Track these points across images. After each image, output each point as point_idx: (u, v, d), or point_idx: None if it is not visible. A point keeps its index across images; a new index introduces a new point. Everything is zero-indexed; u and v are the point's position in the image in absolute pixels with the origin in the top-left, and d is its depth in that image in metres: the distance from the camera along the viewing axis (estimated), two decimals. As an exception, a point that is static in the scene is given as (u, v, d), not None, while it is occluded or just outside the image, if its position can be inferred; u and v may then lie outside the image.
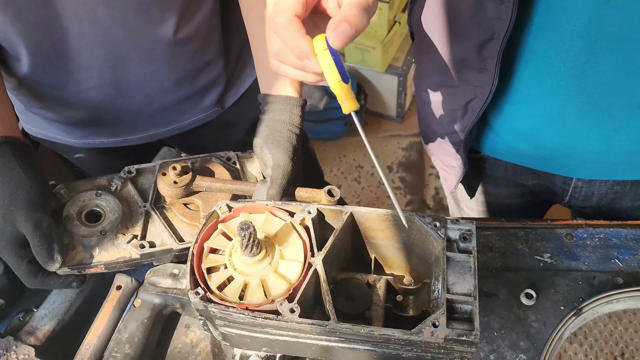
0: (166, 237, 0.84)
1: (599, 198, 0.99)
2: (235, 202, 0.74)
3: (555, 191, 1.02)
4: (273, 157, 0.83)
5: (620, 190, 0.96)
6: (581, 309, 0.81)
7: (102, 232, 0.83)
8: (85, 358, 0.80)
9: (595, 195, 0.98)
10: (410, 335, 0.62)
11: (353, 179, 2.39)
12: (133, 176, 0.89)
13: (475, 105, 0.82)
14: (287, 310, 0.64)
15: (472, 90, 0.81)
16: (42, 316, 0.85)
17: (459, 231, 0.70)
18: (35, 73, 0.92)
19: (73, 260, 0.81)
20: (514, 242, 0.92)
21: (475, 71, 0.78)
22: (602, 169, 0.91)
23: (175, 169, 0.83)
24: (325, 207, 0.73)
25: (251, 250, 0.66)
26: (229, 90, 1.10)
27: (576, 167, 0.92)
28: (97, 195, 0.86)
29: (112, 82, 0.96)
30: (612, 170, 0.91)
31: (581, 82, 0.75)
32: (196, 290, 0.66)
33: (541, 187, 1.04)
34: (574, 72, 0.74)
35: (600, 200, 0.99)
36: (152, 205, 0.87)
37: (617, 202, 0.99)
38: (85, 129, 1.06)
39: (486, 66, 0.76)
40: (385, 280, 0.77)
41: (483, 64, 0.76)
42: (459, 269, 0.67)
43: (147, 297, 0.84)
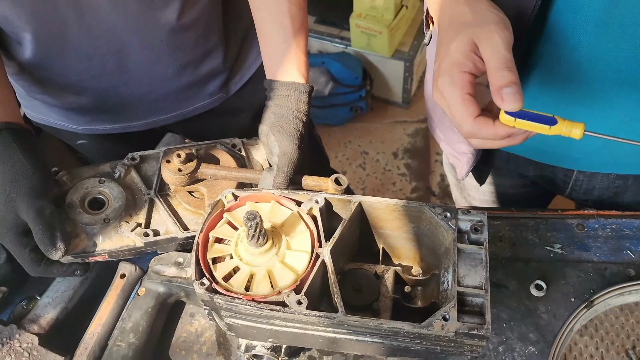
0: (170, 225, 0.83)
1: (600, 192, 0.97)
2: (241, 191, 0.72)
3: (556, 183, 1.01)
4: (279, 144, 0.81)
5: (622, 184, 0.94)
6: (592, 301, 0.80)
7: (105, 220, 0.81)
8: (89, 347, 0.79)
9: (597, 188, 0.96)
10: (420, 329, 0.60)
11: (358, 165, 2.38)
12: (137, 163, 0.88)
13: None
14: (295, 302, 0.63)
15: None
16: (46, 304, 0.84)
17: (470, 222, 0.68)
18: (37, 58, 0.90)
19: (76, 249, 0.80)
20: (524, 232, 0.90)
21: None
22: (605, 162, 0.89)
23: (180, 156, 0.82)
24: (333, 197, 0.71)
25: (257, 241, 0.65)
26: (234, 77, 1.08)
27: (577, 159, 0.90)
28: (100, 182, 0.84)
29: (114, 69, 0.94)
30: (614, 163, 0.89)
31: (591, 70, 0.73)
32: (201, 281, 0.64)
33: (543, 178, 1.02)
34: (585, 59, 0.72)
35: (601, 194, 0.97)
36: (156, 192, 0.85)
37: (619, 197, 0.97)
38: (88, 116, 1.04)
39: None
40: (393, 271, 0.76)
41: None
42: (470, 261, 0.66)
43: (152, 285, 0.83)
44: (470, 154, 0.96)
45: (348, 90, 2.34)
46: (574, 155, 0.88)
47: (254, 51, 1.08)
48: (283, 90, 0.84)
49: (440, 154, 2.36)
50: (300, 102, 0.84)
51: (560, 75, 0.75)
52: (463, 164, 1.00)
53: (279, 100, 0.84)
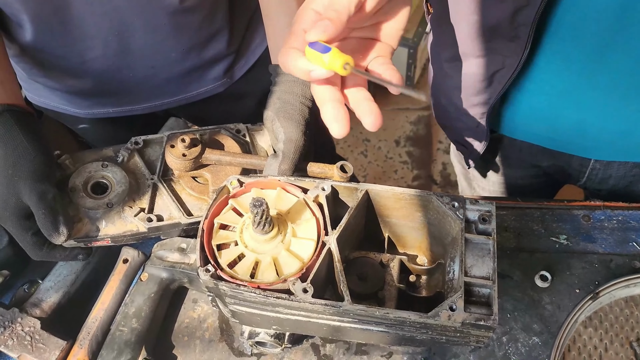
0: (174, 210, 0.82)
1: (616, 180, 0.96)
2: (247, 177, 0.71)
3: (570, 173, 1.00)
4: (285, 130, 0.80)
5: (639, 172, 0.93)
6: (598, 292, 0.79)
7: (108, 204, 0.80)
8: (91, 332, 0.79)
9: (613, 177, 0.96)
10: (426, 319, 0.60)
11: (359, 152, 2.36)
12: (140, 147, 0.87)
13: (502, 77, 0.79)
14: (300, 290, 0.62)
15: (500, 60, 0.78)
16: (48, 288, 0.84)
17: (478, 212, 0.67)
18: (38, 41, 0.89)
19: (79, 233, 0.79)
20: (530, 222, 0.90)
21: (505, 39, 0.74)
22: (622, 150, 0.88)
23: (184, 141, 0.81)
24: (340, 184, 0.70)
25: (263, 228, 0.64)
26: (238, 61, 1.07)
27: (594, 148, 0.89)
28: (103, 166, 0.84)
29: (117, 51, 0.92)
30: (632, 152, 0.88)
31: (607, 57, 0.71)
32: (206, 268, 0.64)
33: (556, 168, 1.01)
34: (601, 46, 0.71)
35: (617, 183, 0.97)
36: (160, 177, 0.84)
37: (634, 185, 0.96)
38: (90, 99, 1.03)
39: (518, 34, 0.72)
40: (399, 260, 0.75)
41: (515, 31, 0.72)
42: (478, 251, 0.65)
43: (154, 271, 0.82)
44: (477, 142, 0.95)
45: (351, 77, 2.32)
46: (590, 143, 0.86)
47: (259, 35, 1.06)
48: (289, 76, 0.83)
49: (442, 142, 2.35)
50: (306, 88, 0.83)
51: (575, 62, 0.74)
52: (468, 153, 0.99)
53: (284, 86, 0.83)
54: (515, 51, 0.74)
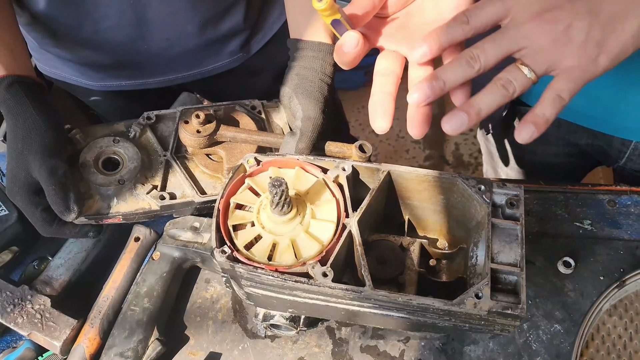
0: (187, 188, 0.80)
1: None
2: (264, 156, 0.69)
3: (609, 153, 0.96)
4: (303, 108, 0.77)
5: None
6: (624, 280, 0.77)
7: (120, 181, 0.78)
8: (102, 310, 0.78)
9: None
10: (451, 306, 0.58)
11: (371, 131, 2.32)
12: (152, 122, 0.84)
13: None
14: (320, 274, 0.60)
15: None
16: (58, 265, 0.82)
17: (506, 196, 0.65)
18: (51, 9, 0.85)
19: (90, 210, 0.77)
20: (553, 206, 0.87)
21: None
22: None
23: (199, 117, 0.78)
24: (361, 165, 0.67)
25: (282, 209, 0.62)
26: (255, 35, 1.03)
27: (636, 129, 0.85)
28: (114, 142, 0.81)
29: (132, 21, 0.89)
30: None
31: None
32: (222, 249, 0.61)
33: (595, 147, 0.98)
34: None
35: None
36: (173, 154, 0.82)
37: None
38: (103, 71, 1.00)
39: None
40: (419, 244, 0.73)
41: None
42: (505, 237, 0.62)
43: (167, 250, 0.80)
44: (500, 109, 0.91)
45: (363, 54, 2.28)
46: (631, 124, 0.83)
47: (277, 8, 1.03)
48: (308, 51, 0.80)
49: (455, 122, 2.31)
50: (326, 64, 0.79)
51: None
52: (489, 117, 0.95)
53: (303, 61, 0.80)
54: None
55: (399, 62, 0.59)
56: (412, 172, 0.67)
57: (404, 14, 0.60)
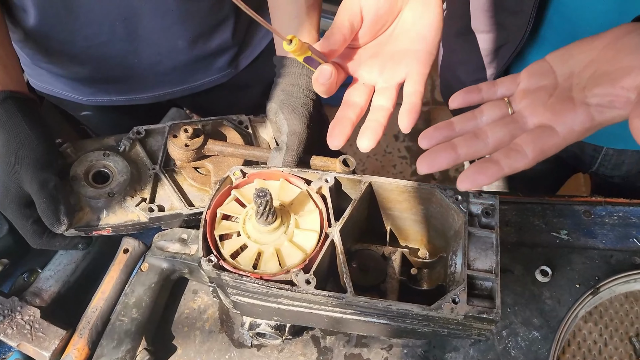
0: (175, 201, 0.82)
1: (629, 167, 0.96)
2: (250, 168, 0.71)
3: (583, 159, 1.00)
4: (288, 123, 0.79)
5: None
6: (598, 288, 0.80)
7: (110, 193, 0.80)
8: (91, 321, 0.79)
9: (626, 164, 0.95)
10: (429, 311, 0.60)
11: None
12: (142, 137, 0.86)
13: (506, 51, 0.79)
14: (303, 281, 0.62)
15: (504, 34, 0.78)
16: (48, 277, 0.83)
17: (482, 206, 0.67)
18: (43, 26, 0.88)
19: (80, 222, 0.79)
20: (531, 217, 0.90)
21: (510, 14, 0.75)
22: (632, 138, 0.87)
23: (187, 131, 0.80)
24: (343, 176, 0.70)
25: (266, 219, 0.64)
26: (244, 51, 1.06)
27: (607, 135, 0.88)
28: (104, 155, 0.83)
29: (124, 37, 0.91)
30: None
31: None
32: (209, 258, 0.64)
33: (569, 153, 1.01)
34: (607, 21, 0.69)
35: (630, 169, 0.96)
36: (162, 167, 0.84)
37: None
38: (94, 86, 1.02)
39: (523, 8, 0.72)
40: (401, 253, 0.75)
41: (520, 5, 0.72)
42: (481, 245, 0.65)
43: (155, 261, 0.82)
44: None
45: (351, 71, 2.32)
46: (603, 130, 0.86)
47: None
48: (293, 68, 0.83)
49: (441, 137, 2.35)
50: (310, 81, 0.82)
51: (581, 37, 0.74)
52: None
53: (288, 78, 0.82)
54: (519, 25, 0.74)
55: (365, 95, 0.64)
56: (393, 183, 0.69)
57: (375, 43, 0.63)
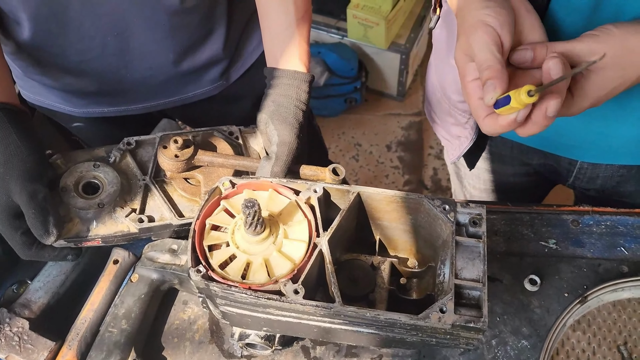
0: (165, 211, 0.82)
1: (603, 181, 0.97)
2: (239, 179, 0.71)
3: (560, 172, 1.01)
4: (279, 133, 0.80)
5: (626, 173, 0.94)
6: (586, 296, 0.80)
7: (99, 204, 0.80)
8: (80, 332, 0.79)
9: (600, 177, 0.97)
10: (417, 320, 0.60)
11: (351, 156, 2.37)
12: (132, 148, 0.87)
13: None
14: (291, 291, 0.62)
15: None
16: (37, 289, 0.83)
17: (469, 215, 0.68)
18: (35, 39, 0.88)
19: (69, 233, 0.79)
20: (519, 226, 0.91)
21: None
22: (605, 152, 0.89)
23: (177, 142, 0.81)
24: (332, 186, 0.71)
25: (255, 229, 0.64)
26: (234, 64, 1.07)
27: (579, 149, 0.90)
28: (95, 166, 0.83)
29: (115, 51, 0.92)
30: (615, 154, 0.89)
31: None
32: (197, 268, 0.64)
33: (546, 167, 1.03)
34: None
35: (605, 183, 0.98)
36: (152, 178, 0.84)
37: (622, 186, 0.97)
38: (86, 98, 1.03)
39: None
40: (390, 263, 0.75)
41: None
42: (468, 254, 0.65)
43: (145, 272, 0.82)
44: (464, 138, 0.96)
45: (343, 82, 2.33)
46: (575, 144, 0.88)
47: (255, 38, 1.07)
48: (284, 79, 0.83)
49: (433, 147, 2.36)
50: (300, 92, 0.83)
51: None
52: (455, 147, 1.00)
53: (279, 89, 0.83)
54: None
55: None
56: (381, 193, 0.70)
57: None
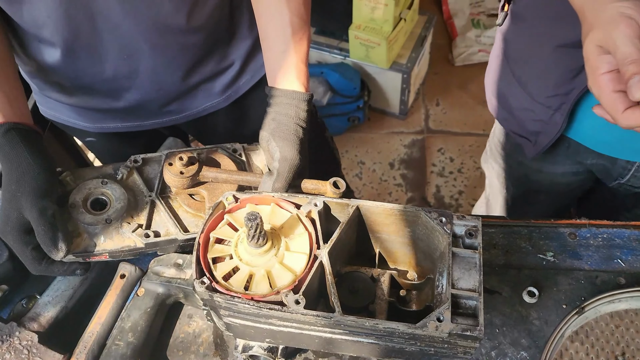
0: (171, 227, 0.85)
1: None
2: (242, 193, 0.74)
3: (612, 172, 1.04)
4: (280, 150, 0.82)
5: None
6: (583, 307, 0.81)
7: (107, 220, 0.83)
8: (88, 345, 0.80)
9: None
10: (414, 329, 0.62)
11: (354, 174, 2.39)
12: (139, 165, 0.89)
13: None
14: (293, 301, 0.64)
15: None
16: (46, 303, 0.85)
17: (465, 227, 0.70)
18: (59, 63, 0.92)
19: (77, 248, 0.81)
20: (518, 240, 0.92)
21: None
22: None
23: (182, 159, 0.83)
24: (332, 200, 0.73)
25: (257, 241, 0.66)
26: (243, 73, 1.09)
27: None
28: (103, 183, 0.86)
29: (126, 74, 0.96)
30: None
31: None
32: (202, 280, 0.66)
33: (598, 166, 1.05)
34: None
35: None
36: (158, 195, 0.87)
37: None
38: (99, 115, 1.06)
39: None
40: (389, 275, 0.77)
41: None
42: (465, 265, 0.67)
43: (151, 286, 0.84)
44: (543, 134, 0.99)
45: (346, 101, 2.37)
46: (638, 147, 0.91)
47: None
48: (283, 98, 0.86)
49: (436, 165, 2.38)
50: (299, 110, 0.86)
51: None
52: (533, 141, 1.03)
53: (279, 107, 0.86)
54: None
55: None
56: (379, 206, 0.72)
57: None
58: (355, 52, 2.34)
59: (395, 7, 2.16)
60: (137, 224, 0.84)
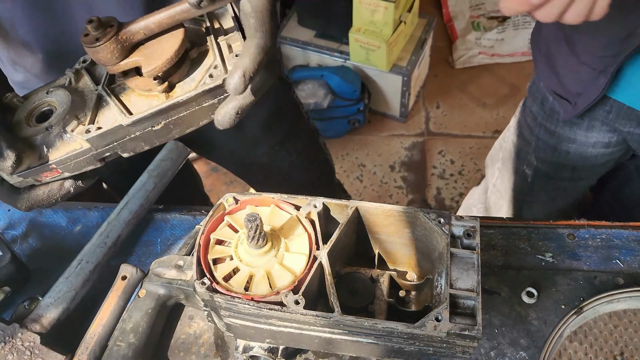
0: (117, 115, 0.69)
1: None
2: (242, 195, 0.74)
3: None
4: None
5: None
6: (582, 307, 0.82)
7: (47, 128, 0.70)
8: (89, 346, 0.81)
9: None
10: (413, 329, 0.62)
11: (355, 177, 2.40)
12: (89, 65, 0.74)
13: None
14: (292, 301, 0.65)
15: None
16: (48, 304, 0.86)
17: (463, 227, 0.70)
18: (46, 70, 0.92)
19: (23, 166, 0.70)
20: (516, 240, 0.93)
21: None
22: None
23: (92, 21, 0.64)
24: (331, 201, 0.73)
25: (257, 242, 0.67)
26: None
27: None
28: (47, 93, 0.73)
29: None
30: None
31: None
32: (202, 281, 0.66)
33: (634, 135, 1.05)
34: None
35: None
36: (104, 86, 0.71)
37: None
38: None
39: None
40: (388, 275, 0.78)
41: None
42: (463, 265, 0.68)
43: (152, 287, 0.84)
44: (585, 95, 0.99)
45: (346, 104, 2.38)
46: None
47: None
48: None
49: (436, 167, 2.39)
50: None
51: None
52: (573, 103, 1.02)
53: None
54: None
55: None
56: (378, 207, 0.72)
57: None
58: (356, 55, 2.35)
59: (395, 10, 2.17)
60: (80, 125, 0.69)
